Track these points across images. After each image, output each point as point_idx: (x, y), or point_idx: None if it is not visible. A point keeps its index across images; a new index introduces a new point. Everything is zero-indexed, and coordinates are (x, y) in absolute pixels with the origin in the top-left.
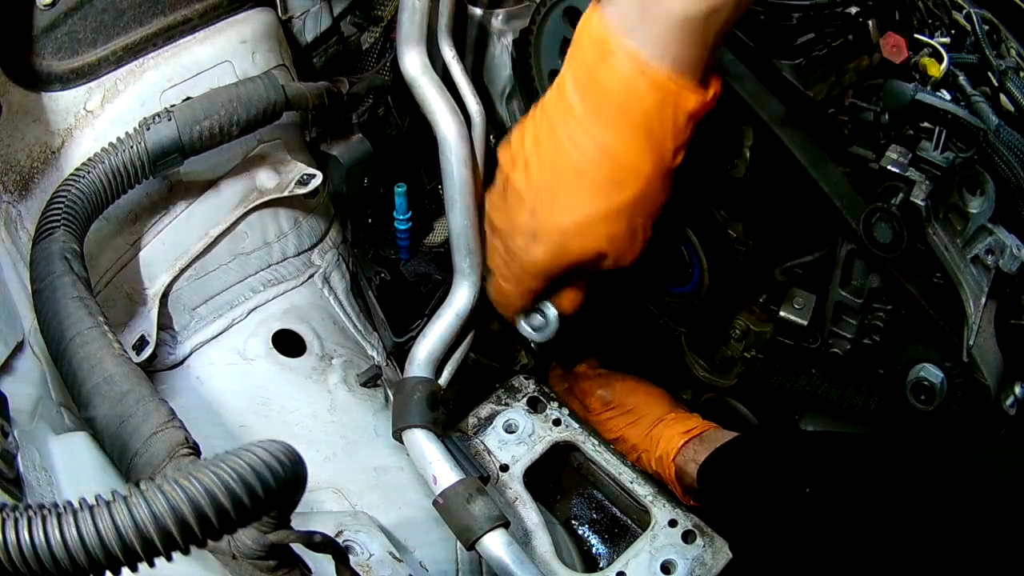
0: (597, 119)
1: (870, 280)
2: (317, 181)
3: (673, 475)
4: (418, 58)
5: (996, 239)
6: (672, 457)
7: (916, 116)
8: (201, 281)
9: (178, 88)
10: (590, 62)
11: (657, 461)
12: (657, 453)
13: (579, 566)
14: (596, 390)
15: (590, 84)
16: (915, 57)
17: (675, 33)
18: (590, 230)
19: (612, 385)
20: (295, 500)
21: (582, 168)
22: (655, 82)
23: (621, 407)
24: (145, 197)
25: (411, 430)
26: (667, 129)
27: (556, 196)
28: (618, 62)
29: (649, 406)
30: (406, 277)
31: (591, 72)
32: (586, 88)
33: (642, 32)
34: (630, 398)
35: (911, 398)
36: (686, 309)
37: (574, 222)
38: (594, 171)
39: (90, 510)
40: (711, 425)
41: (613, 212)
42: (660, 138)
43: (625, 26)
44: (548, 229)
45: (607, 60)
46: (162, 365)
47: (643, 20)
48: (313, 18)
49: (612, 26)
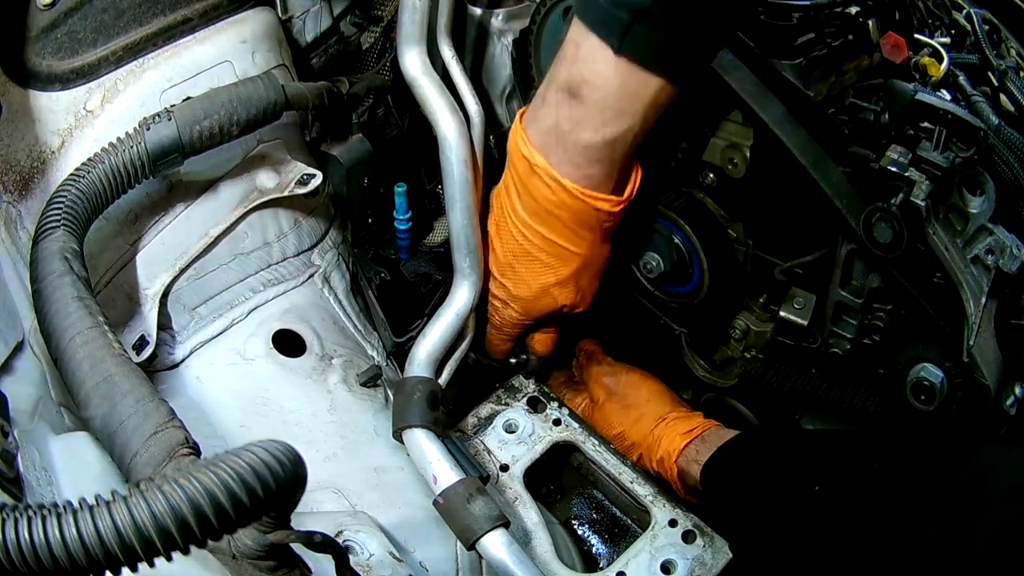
0: (535, 218)
1: (870, 280)
2: (317, 181)
3: (676, 476)
4: (418, 58)
5: (996, 239)
6: (674, 458)
7: (916, 116)
8: (201, 281)
9: (178, 88)
10: (521, 173)
11: (659, 462)
12: (659, 454)
13: (579, 566)
14: (602, 377)
15: (524, 191)
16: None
17: (584, 157)
18: (546, 296)
19: (618, 376)
20: (295, 500)
21: (531, 252)
22: (573, 194)
23: (623, 399)
24: (145, 197)
25: (411, 430)
26: (592, 222)
27: (516, 272)
28: (542, 177)
29: (651, 403)
30: (406, 277)
31: (523, 182)
32: (522, 194)
33: (557, 154)
34: (633, 392)
35: (911, 398)
36: (686, 309)
37: (533, 292)
38: (540, 254)
39: (90, 510)
40: (713, 424)
41: (562, 280)
42: (588, 227)
43: (544, 148)
44: (514, 297)
45: (534, 174)
46: (162, 365)
47: (557, 145)
48: (313, 18)
49: (533, 145)
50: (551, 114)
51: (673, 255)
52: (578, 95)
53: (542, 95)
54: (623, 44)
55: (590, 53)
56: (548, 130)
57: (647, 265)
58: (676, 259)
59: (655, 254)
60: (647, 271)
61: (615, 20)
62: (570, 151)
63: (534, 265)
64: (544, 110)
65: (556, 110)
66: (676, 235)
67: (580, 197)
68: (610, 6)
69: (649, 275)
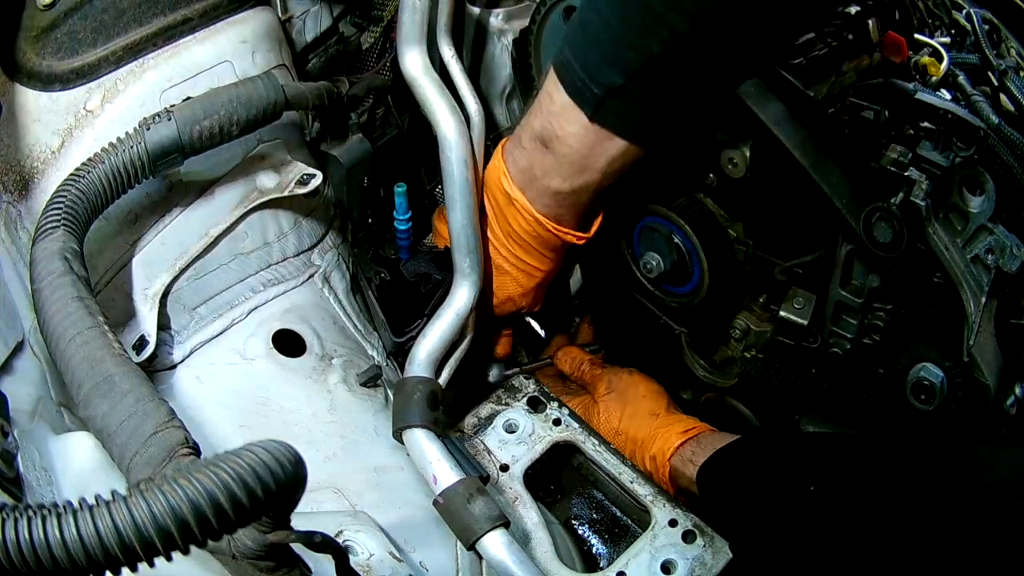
0: (508, 240)
1: (870, 280)
2: (317, 181)
3: (667, 474)
4: (419, 58)
5: (996, 239)
6: (668, 456)
7: (916, 116)
8: (201, 281)
9: (178, 88)
10: (501, 203)
11: (651, 459)
12: (652, 451)
13: (579, 566)
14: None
15: (501, 217)
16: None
17: (554, 200)
18: (509, 302)
19: (619, 373)
20: (295, 500)
21: (502, 266)
22: (544, 226)
23: (622, 394)
24: (145, 197)
25: (411, 430)
26: (558, 249)
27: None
28: (518, 208)
29: (647, 400)
30: (406, 277)
31: (502, 210)
32: (499, 219)
33: (531, 193)
34: (632, 389)
35: (911, 398)
36: (686, 309)
37: (499, 300)
38: (511, 269)
39: (90, 510)
40: (708, 427)
41: (525, 292)
42: (553, 251)
43: (521, 184)
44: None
45: (512, 206)
46: (162, 365)
47: (531, 186)
48: (313, 18)
49: (512, 180)
50: (526, 157)
51: (673, 255)
52: (549, 146)
53: (519, 136)
54: (595, 114)
55: (563, 112)
56: (524, 170)
57: (647, 265)
58: (676, 259)
59: (655, 254)
60: (647, 271)
61: (588, 92)
62: (541, 193)
63: (504, 278)
64: (520, 152)
65: (531, 156)
66: (676, 235)
67: (551, 230)
68: (585, 77)
69: (649, 275)
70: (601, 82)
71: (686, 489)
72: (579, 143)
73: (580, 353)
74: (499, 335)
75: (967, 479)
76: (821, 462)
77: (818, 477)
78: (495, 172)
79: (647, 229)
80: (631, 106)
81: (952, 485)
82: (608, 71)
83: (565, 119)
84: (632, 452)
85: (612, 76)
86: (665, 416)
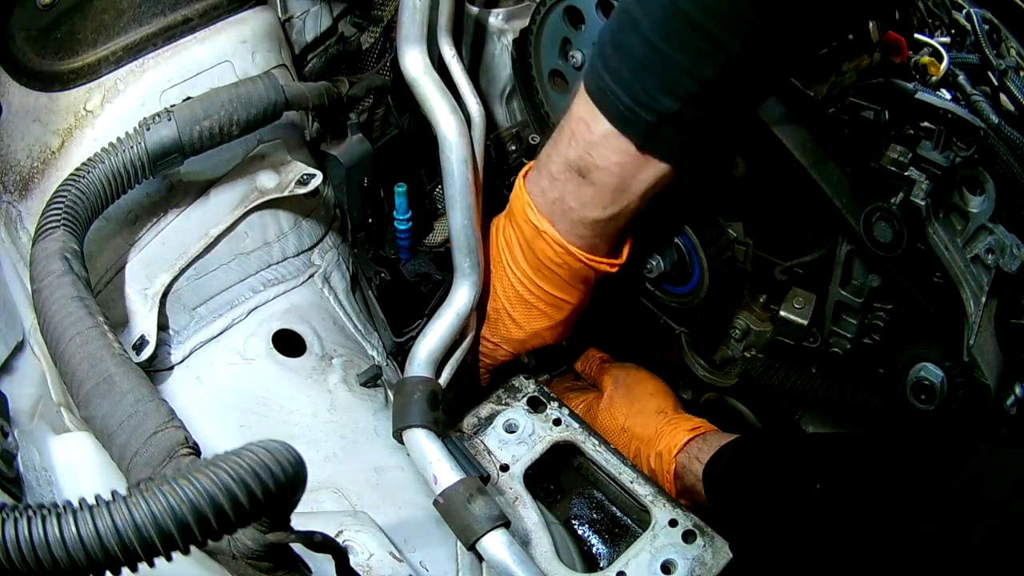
0: (537, 275)
1: (870, 280)
2: (317, 181)
3: (672, 472)
4: (419, 57)
5: (996, 238)
6: (675, 452)
7: (916, 115)
8: (201, 281)
9: (178, 88)
10: (528, 235)
11: (657, 456)
12: (658, 447)
13: (579, 566)
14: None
15: (528, 251)
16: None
17: (590, 231)
18: (537, 336)
19: (627, 370)
20: (295, 500)
21: (530, 301)
22: (575, 256)
23: (629, 390)
24: (145, 197)
25: (411, 430)
26: (589, 279)
27: (514, 319)
28: (548, 241)
29: (654, 398)
30: (406, 277)
31: (528, 243)
32: (526, 252)
33: (562, 224)
34: (639, 386)
35: (911, 398)
36: (686, 309)
37: (527, 335)
38: (538, 303)
39: (90, 510)
40: (713, 427)
41: (554, 324)
42: (584, 282)
43: (550, 217)
44: (507, 339)
45: (540, 238)
46: (162, 365)
47: (564, 217)
48: (313, 18)
49: (540, 212)
50: (557, 188)
51: (673, 255)
52: (587, 176)
53: (546, 167)
54: (647, 143)
55: (605, 140)
56: (555, 200)
57: (647, 265)
58: (676, 259)
59: (655, 254)
60: (647, 271)
61: (639, 120)
62: (576, 225)
63: (531, 312)
64: (551, 183)
65: (564, 186)
66: (676, 235)
67: (584, 261)
68: (634, 105)
69: (649, 275)
70: (654, 109)
71: (691, 487)
72: (623, 172)
73: (593, 351)
74: None
75: (967, 480)
76: (825, 461)
77: (823, 476)
78: (519, 204)
79: None
80: (685, 131)
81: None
82: (663, 98)
83: (607, 148)
84: (637, 449)
85: (667, 102)
86: (672, 415)
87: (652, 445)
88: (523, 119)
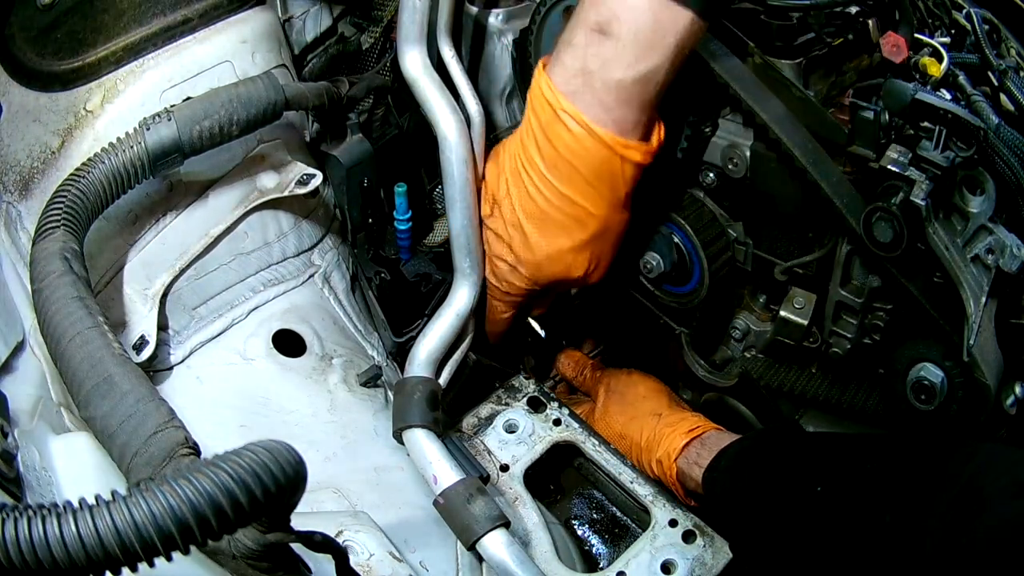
0: (554, 172)
1: (870, 280)
2: (317, 181)
3: (675, 477)
4: (419, 57)
5: (996, 238)
6: (674, 458)
7: (916, 116)
8: (201, 281)
9: (178, 88)
10: (544, 121)
11: (657, 463)
12: (658, 454)
13: (579, 566)
14: (605, 377)
15: (545, 141)
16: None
17: (615, 98)
18: (559, 260)
19: (618, 375)
20: (295, 500)
21: (547, 212)
22: (601, 141)
23: (622, 397)
24: (145, 197)
25: (411, 430)
26: (617, 178)
27: (528, 235)
28: (567, 123)
29: (647, 400)
30: (406, 277)
31: (544, 131)
32: (542, 145)
33: (585, 96)
34: (631, 390)
35: (911, 398)
36: (686, 309)
37: (546, 255)
38: (557, 214)
39: (90, 510)
40: (712, 426)
41: (577, 246)
42: (611, 185)
43: (570, 90)
44: (524, 261)
45: (557, 121)
46: (162, 365)
47: (585, 86)
48: (313, 18)
49: (559, 90)
50: (579, 55)
51: (673, 255)
52: (608, 31)
53: (567, 40)
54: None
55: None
56: (576, 72)
57: (647, 265)
58: (676, 259)
59: (655, 254)
60: (647, 271)
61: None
62: (599, 92)
63: (548, 225)
64: (570, 52)
65: (585, 50)
66: (676, 235)
67: (610, 144)
68: None
69: (649, 275)
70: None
71: (694, 491)
72: (641, 18)
73: (582, 357)
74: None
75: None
76: (825, 462)
77: (822, 477)
78: (538, 86)
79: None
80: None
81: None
82: None
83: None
84: (638, 457)
85: None
86: (668, 415)
87: (651, 452)
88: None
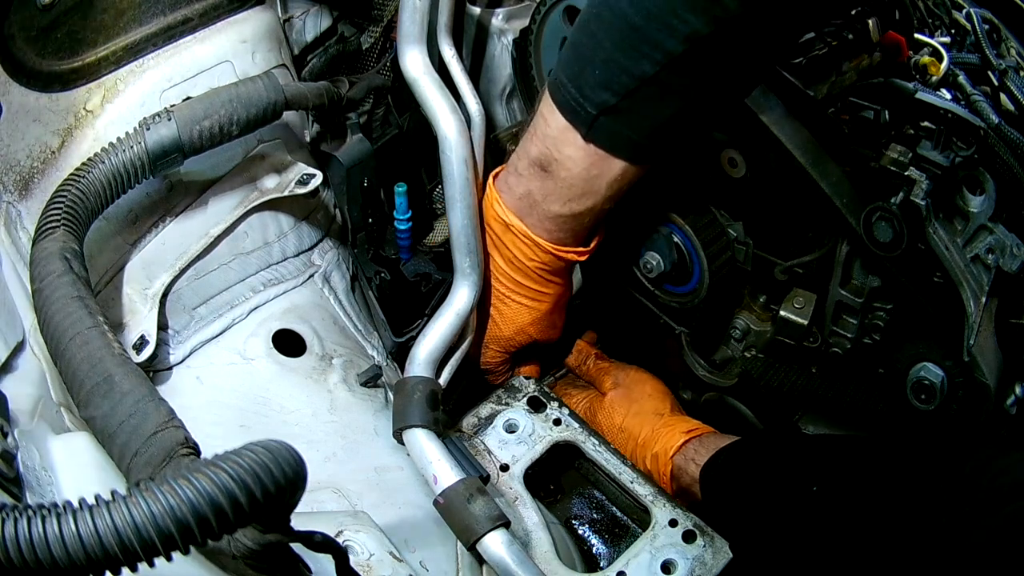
0: (510, 267)
1: (870, 280)
2: (317, 181)
3: (669, 473)
4: (419, 57)
5: (996, 238)
6: (671, 454)
7: (916, 115)
8: (201, 281)
9: (178, 88)
10: (498, 231)
11: (653, 457)
12: (654, 449)
13: (579, 566)
14: (612, 369)
15: (501, 245)
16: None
17: (555, 224)
18: (522, 333)
19: (626, 371)
20: (295, 501)
21: (508, 296)
22: (544, 249)
23: (628, 391)
24: (145, 197)
25: (411, 430)
26: (560, 271)
27: (495, 316)
28: (516, 234)
29: (652, 399)
30: (406, 277)
31: (500, 238)
32: (499, 247)
33: (531, 219)
34: (637, 387)
35: (911, 398)
36: (686, 309)
37: (512, 331)
38: (518, 298)
39: (90, 510)
40: (710, 429)
41: (535, 319)
42: (557, 272)
43: (518, 209)
44: (493, 338)
45: (509, 232)
46: (162, 365)
47: (531, 208)
48: (313, 18)
49: (509, 208)
50: (524, 184)
51: (673, 255)
52: (548, 169)
53: (514, 164)
54: (589, 133)
55: (559, 134)
56: (522, 196)
57: (647, 265)
58: (676, 259)
59: (655, 254)
60: (647, 271)
61: (583, 111)
62: (542, 218)
63: (510, 307)
64: (517, 179)
65: (528, 181)
66: (676, 235)
67: (552, 252)
68: (579, 96)
69: (649, 275)
70: (595, 101)
71: (687, 488)
72: (577, 166)
73: (586, 347)
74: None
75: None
76: (823, 463)
77: (820, 478)
78: (489, 203)
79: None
80: (625, 125)
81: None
82: (601, 91)
83: (562, 141)
84: (633, 450)
85: (604, 96)
86: (669, 416)
87: (648, 447)
88: (523, 119)
